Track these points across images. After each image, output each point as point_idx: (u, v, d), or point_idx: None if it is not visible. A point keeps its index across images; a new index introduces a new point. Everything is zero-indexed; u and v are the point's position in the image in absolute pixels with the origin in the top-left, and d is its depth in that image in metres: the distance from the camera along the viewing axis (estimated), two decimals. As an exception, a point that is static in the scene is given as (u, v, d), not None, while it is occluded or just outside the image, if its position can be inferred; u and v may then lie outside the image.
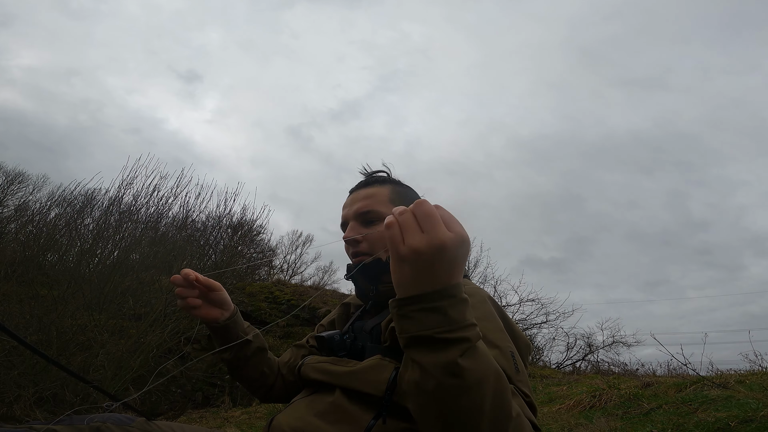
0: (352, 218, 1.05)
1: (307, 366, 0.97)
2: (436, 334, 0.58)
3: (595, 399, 3.84)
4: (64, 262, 5.52)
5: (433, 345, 0.59)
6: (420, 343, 0.59)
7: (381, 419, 0.78)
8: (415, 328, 0.59)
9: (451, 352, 0.58)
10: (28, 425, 0.80)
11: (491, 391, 0.59)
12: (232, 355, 1.10)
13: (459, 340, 0.59)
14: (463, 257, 0.61)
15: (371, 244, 1.02)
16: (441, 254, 0.58)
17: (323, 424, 0.82)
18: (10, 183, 12.36)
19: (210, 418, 4.73)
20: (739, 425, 2.47)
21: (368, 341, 0.93)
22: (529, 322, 10.75)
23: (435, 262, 0.58)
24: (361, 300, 1.10)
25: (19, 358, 3.79)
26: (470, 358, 0.58)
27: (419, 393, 0.60)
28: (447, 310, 0.59)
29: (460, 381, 0.57)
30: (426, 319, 0.59)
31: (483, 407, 0.58)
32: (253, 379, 1.13)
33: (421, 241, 0.58)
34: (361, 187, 1.10)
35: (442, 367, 0.57)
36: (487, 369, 0.60)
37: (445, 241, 0.58)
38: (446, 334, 0.58)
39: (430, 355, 0.58)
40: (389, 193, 1.07)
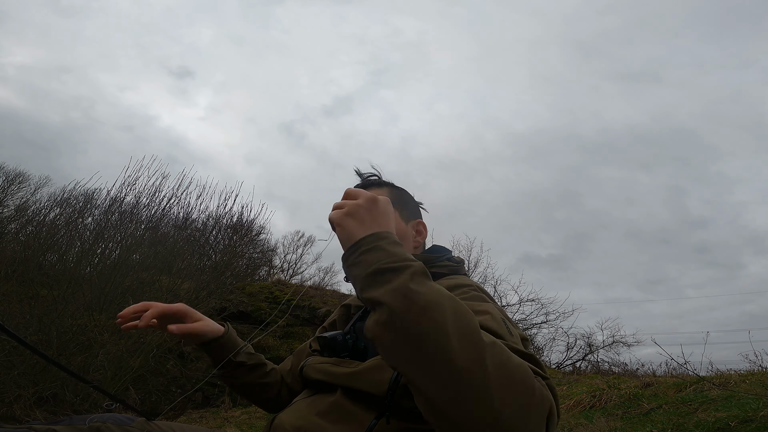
0: None
1: (309, 367, 0.97)
2: (381, 265, 0.64)
3: (595, 399, 3.84)
4: (64, 262, 5.52)
5: (381, 277, 0.62)
6: (371, 282, 0.63)
7: (384, 419, 0.78)
8: (362, 269, 0.65)
9: (399, 278, 0.61)
10: (28, 425, 0.80)
11: (451, 312, 0.57)
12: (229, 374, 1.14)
13: (404, 267, 0.63)
14: (390, 213, 0.75)
15: None
16: (374, 205, 0.73)
17: (325, 423, 0.82)
18: (10, 183, 12.36)
19: (210, 418, 4.73)
20: (739, 425, 2.47)
21: (370, 342, 0.93)
22: (529, 322, 10.75)
23: (371, 211, 0.72)
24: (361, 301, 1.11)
25: (19, 358, 3.79)
26: (420, 283, 0.61)
27: (381, 330, 0.59)
28: (386, 247, 0.67)
29: (412, 303, 0.57)
30: (370, 257, 0.66)
31: (446, 327, 0.56)
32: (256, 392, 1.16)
33: (357, 200, 0.73)
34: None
35: (393, 292, 0.59)
36: (440, 293, 0.60)
37: (375, 196, 0.74)
38: (391, 264, 0.63)
39: (382, 287, 0.61)
40: (388, 195, 1.07)
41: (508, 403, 0.52)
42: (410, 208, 1.15)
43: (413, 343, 0.56)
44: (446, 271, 1.02)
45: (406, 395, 0.78)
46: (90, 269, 5.22)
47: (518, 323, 10.35)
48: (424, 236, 1.14)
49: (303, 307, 7.65)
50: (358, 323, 1.02)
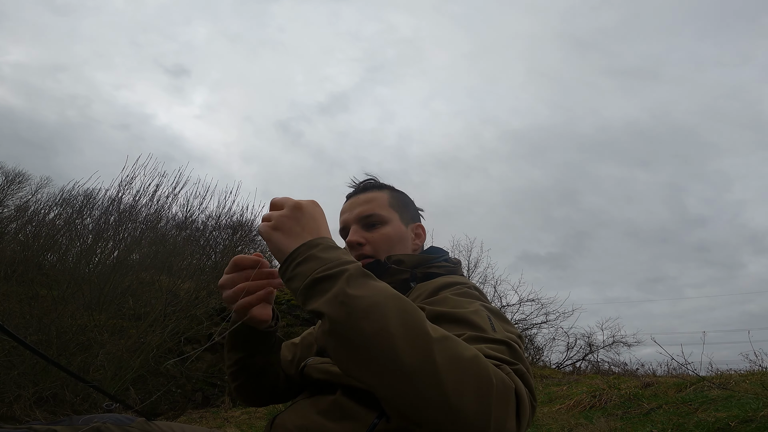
0: (354, 222, 1.06)
1: (311, 367, 0.96)
2: (316, 274, 0.63)
3: (595, 399, 3.84)
4: (64, 262, 5.52)
5: (319, 287, 0.62)
6: (309, 294, 0.62)
7: (384, 418, 0.77)
8: (299, 282, 0.64)
9: (336, 286, 0.60)
10: (28, 425, 0.79)
11: (394, 311, 0.56)
12: (264, 361, 1.00)
13: (339, 273, 0.62)
14: (319, 216, 0.74)
15: (374, 247, 1.03)
16: (300, 212, 0.72)
17: (327, 422, 0.81)
18: (10, 183, 12.36)
19: (210, 418, 4.73)
20: (739, 425, 2.47)
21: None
22: (529, 322, 10.75)
23: (298, 219, 0.71)
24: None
25: (19, 358, 3.79)
26: (358, 286, 0.60)
27: (328, 339, 0.59)
28: (319, 255, 0.66)
29: (351, 309, 0.57)
30: (304, 269, 0.65)
31: (389, 328, 0.54)
32: (267, 385, 1.04)
33: (282, 211, 0.72)
34: (359, 192, 1.12)
35: (330, 301, 0.59)
36: (381, 293, 0.59)
37: (299, 202, 0.73)
38: (325, 272, 0.62)
39: (320, 297, 0.60)
40: (388, 198, 1.10)
41: (466, 396, 0.51)
42: (410, 211, 1.14)
43: (358, 348, 0.55)
44: (443, 271, 1.02)
45: None
46: (90, 269, 5.22)
47: (518, 323, 10.35)
48: (422, 239, 1.14)
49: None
50: None
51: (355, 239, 1.04)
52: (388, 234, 1.04)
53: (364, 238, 1.04)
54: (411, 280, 0.98)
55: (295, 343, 1.17)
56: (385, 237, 1.04)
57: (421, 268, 1.00)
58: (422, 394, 0.52)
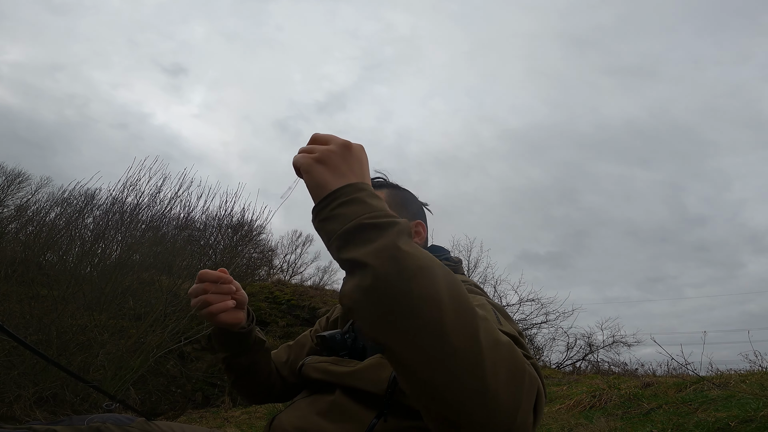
0: None
1: (308, 366, 0.96)
2: (363, 220, 0.55)
3: (595, 399, 3.84)
4: (64, 262, 5.52)
5: (363, 234, 0.54)
6: (350, 240, 0.55)
7: (383, 418, 0.77)
8: (338, 224, 0.56)
9: (386, 236, 0.53)
10: (28, 425, 0.80)
11: (443, 279, 0.51)
12: (249, 361, 1.04)
13: (390, 224, 0.55)
14: (365, 162, 0.66)
15: None
16: (348, 152, 0.64)
17: (326, 423, 0.81)
18: (11, 183, 12.36)
19: (210, 418, 4.73)
20: (739, 425, 2.47)
21: (370, 341, 0.92)
22: (529, 322, 10.76)
23: (345, 158, 0.63)
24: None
25: (19, 358, 3.79)
26: (409, 244, 0.53)
27: (362, 297, 0.51)
28: (366, 200, 0.58)
29: (402, 265, 0.50)
30: (348, 211, 0.57)
31: (439, 295, 0.49)
32: (259, 383, 1.09)
33: (329, 145, 0.63)
34: None
35: (379, 252, 0.51)
36: (432, 258, 0.54)
37: (349, 141, 0.65)
38: (374, 219, 0.55)
39: (365, 246, 0.53)
40: (386, 197, 1.06)
41: (502, 382, 0.48)
42: (411, 209, 1.12)
43: (403, 312, 0.49)
44: None
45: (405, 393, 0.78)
46: (90, 269, 5.22)
47: (518, 323, 10.33)
48: (422, 237, 1.10)
49: (303, 307, 7.66)
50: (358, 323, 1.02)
51: None
52: None
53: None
54: None
55: (290, 345, 1.19)
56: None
57: None
58: (461, 372, 0.47)
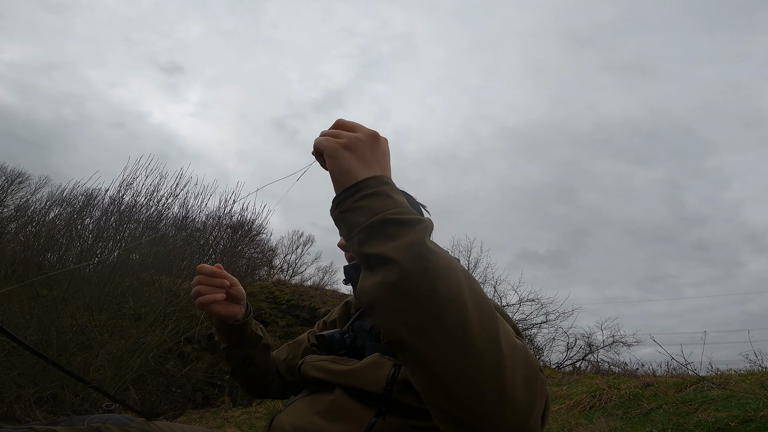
0: None
1: (308, 365, 0.97)
2: (390, 214, 0.53)
3: (595, 399, 3.84)
4: (64, 262, 5.52)
5: (390, 229, 0.52)
6: (375, 234, 0.53)
7: (381, 417, 0.77)
8: (363, 216, 0.54)
9: (412, 233, 0.52)
10: (28, 425, 0.79)
11: (465, 280, 0.51)
12: (244, 353, 1.07)
13: (416, 221, 0.53)
14: (388, 155, 0.64)
15: None
16: (376, 142, 0.61)
17: (325, 423, 0.81)
18: (11, 183, 12.36)
19: (210, 418, 4.73)
20: (739, 425, 2.47)
21: (368, 340, 0.93)
22: (529, 322, 10.76)
23: (372, 149, 0.60)
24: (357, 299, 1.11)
25: (19, 358, 3.79)
26: (434, 242, 0.53)
27: (386, 294, 0.50)
28: (392, 194, 0.56)
29: (429, 264, 0.49)
30: (374, 203, 0.54)
31: (463, 296, 0.49)
32: (256, 376, 1.12)
33: (356, 133, 0.60)
34: None
35: (406, 249, 0.50)
36: (452, 257, 0.53)
37: (376, 132, 0.62)
38: (402, 215, 0.53)
39: (391, 241, 0.51)
40: None
41: (519, 385, 0.49)
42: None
43: (427, 311, 0.48)
44: None
45: (403, 392, 0.78)
46: (90, 269, 5.22)
47: (518, 323, 10.35)
48: None
49: (303, 307, 7.65)
50: (357, 322, 1.03)
51: (341, 242, 1.03)
52: None
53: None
54: None
55: (290, 344, 1.21)
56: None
57: None
58: (482, 373, 0.47)
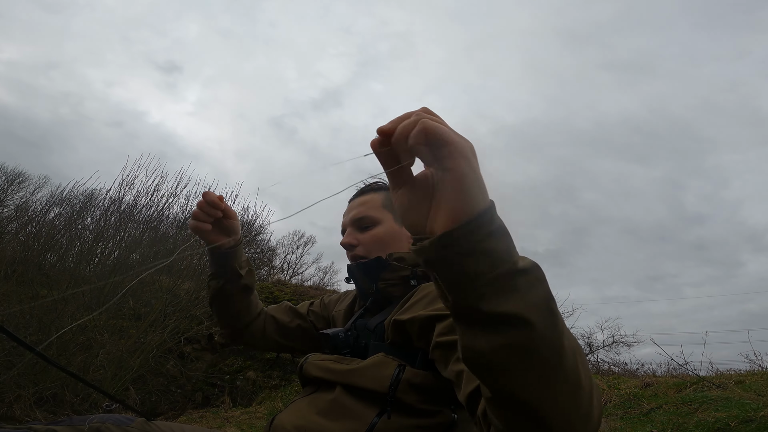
0: (349, 225, 1.10)
1: (310, 364, 0.97)
2: (519, 264, 0.44)
3: (595, 399, 3.83)
4: (64, 262, 5.52)
5: (518, 281, 0.43)
6: (503, 288, 0.43)
7: (385, 415, 0.78)
8: (488, 265, 0.43)
9: (543, 284, 0.45)
10: (28, 425, 0.80)
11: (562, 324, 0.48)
12: (220, 285, 1.13)
13: (537, 265, 0.47)
14: None
15: (366, 248, 1.06)
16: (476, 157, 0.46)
17: (326, 422, 0.82)
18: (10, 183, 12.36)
19: (210, 418, 4.73)
20: (739, 425, 2.47)
21: (372, 339, 0.95)
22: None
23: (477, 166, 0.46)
24: (362, 299, 1.13)
25: (19, 358, 3.79)
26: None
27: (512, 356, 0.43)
28: (508, 231, 0.46)
29: (558, 318, 0.45)
30: (499, 246, 0.44)
31: (573, 343, 0.48)
32: (231, 313, 1.18)
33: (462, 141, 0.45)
34: (357, 195, 1.15)
35: (541, 306, 0.44)
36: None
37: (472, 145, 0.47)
38: (526, 263, 0.45)
39: (522, 297, 0.43)
40: (382, 199, 1.11)
41: (598, 408, 0.51)
42: None
43: (553, 367, 0.44)
44: None
45: (407, 392, 0.79)
46: (90, 269, 5.22)
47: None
48: None
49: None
50: (359, 321, 1.04)
51: (347, 241, 1.07)
52: (378, 234, 1.06)
53: (356, 239, 1.07)
54: (411, 278, 0.99)
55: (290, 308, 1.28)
56: (374, 238, 1.05)
57: (421, 267, 0.98)
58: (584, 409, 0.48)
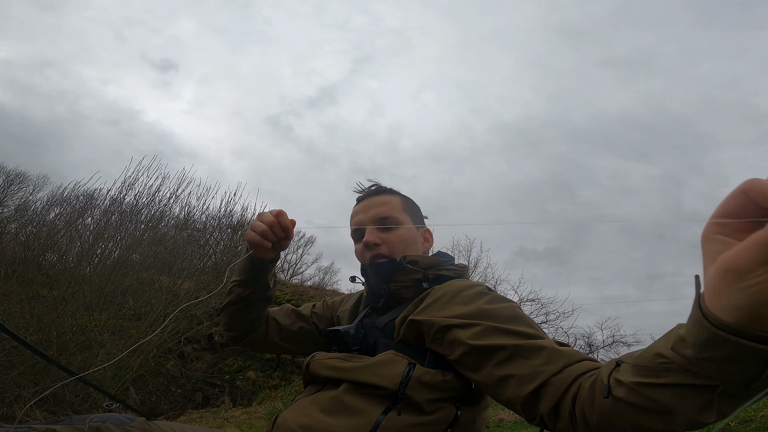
0: (370, 223, 1.12)
1: (317, 362, 0.97)
2: None
3: (595, 399, 3.83)
4: (64, 262, 5.52)
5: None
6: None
7: (395, 411, 0.80)
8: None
9: None
10: (27, 425, 0.80)
11: None
12: (246, 293, 1.16)
13: None
14: None
15: (390, 248, 1.08)
16: None
17: (331, 419, 0.83)
18: (10, 183, 12.36)
19: (210, 418, 4.73)
20: (739, 425, 2.47)
21: (381, 337, 0.97)
22: (529, 322, 10.74)
23: None
24: (371, 299, 1.15)
25: (19, 358, 3.79)
26: None
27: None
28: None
29: None
30: None
31: None
32: (244, 320, 1.21)
33: None
34: (372, 195, 1.17)
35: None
36: None
37: None
38: None
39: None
40: (401, 202, 1.15)
41: None
42: (419, 216, 1.19)
43: None
44: (453, 274, 1.07)
45: (417, 389, 0.81)
46: (90, 269, 5.22)
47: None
48: (431, 243, 1.20)
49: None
50: (366, 320, 1.06)
51: (372, 240, 1.08)
52: (403, 236, 1.09)
53: (380, 239, 1.08)
54: (423, 281, 1.02)
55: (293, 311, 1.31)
56: (400, 238, 1.09)
57: (433, 270, 1.05)
58: None
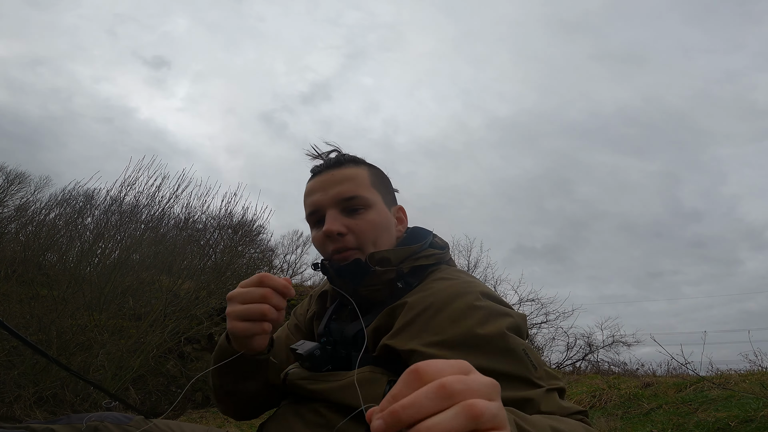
0: (331, 205, 0.86)
1: (290, 382, 0.84)
2: None
3: (595, 399, 3.84)
4: (64, 262, 5.52)
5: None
6: None
7: None
8: None
9: None
10: (26, 425, 0.79)
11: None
12: (258, 387, 0.89)
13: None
14: None
15: (359, 238, 0.85)
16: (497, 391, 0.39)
17: None
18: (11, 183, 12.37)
19: (210, 418, 4.73)
20: (739, 425, 2.47)
21: (353, 350, 0.79)
22: (529, 322, 10.74)
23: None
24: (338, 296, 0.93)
25: (19, 358, 3.80)
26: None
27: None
28: None
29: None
30: None
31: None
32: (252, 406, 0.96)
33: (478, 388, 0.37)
34: (332, 166, 0.90)
35: None
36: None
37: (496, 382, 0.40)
38: None
39: None
40: (369, 176, 0.90)
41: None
42: (390, 191, 0.97)
43: None
44: (432, 261, 0.87)
45: None
46: (90, 269, 5.22)
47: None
48: (405, 224, 0.97)
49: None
50: (332, 324, 0.89)
51: (335, 228, 0.83)
52: (374, 220, 0.86)
53: (345, 226, 0.85)
54: (397, 280, 0.83)
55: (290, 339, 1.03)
56: (370, 224, 0.86)
57: (407, 262, 0.85)
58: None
